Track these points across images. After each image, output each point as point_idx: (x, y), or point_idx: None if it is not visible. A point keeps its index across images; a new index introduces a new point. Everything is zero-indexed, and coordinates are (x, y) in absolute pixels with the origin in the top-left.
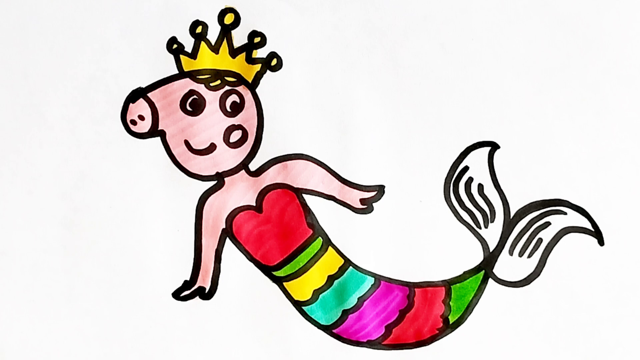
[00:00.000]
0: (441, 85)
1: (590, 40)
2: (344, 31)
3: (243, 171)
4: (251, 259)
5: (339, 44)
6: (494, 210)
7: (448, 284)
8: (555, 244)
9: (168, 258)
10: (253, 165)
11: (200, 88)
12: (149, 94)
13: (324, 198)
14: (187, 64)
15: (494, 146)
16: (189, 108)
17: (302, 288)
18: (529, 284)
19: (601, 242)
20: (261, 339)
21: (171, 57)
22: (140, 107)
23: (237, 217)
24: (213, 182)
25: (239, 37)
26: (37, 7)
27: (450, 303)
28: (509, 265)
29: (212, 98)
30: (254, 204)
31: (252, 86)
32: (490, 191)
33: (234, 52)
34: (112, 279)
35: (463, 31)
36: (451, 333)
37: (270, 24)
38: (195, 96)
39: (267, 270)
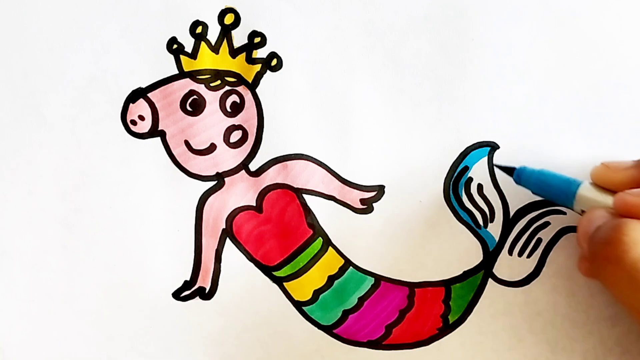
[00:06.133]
0: (441, 85)
1: (590, 40)
2: (344, 31)
3: (243, 171)
4: (251, 259)
5: (339, 44)
6: (494, 210)
7: (448, 284)
8: (555, 243)
9: (168, 258)
10: (253, 165)
11: (200, 88)
12: (149, 94)
13: (324, 198)
14: (187, 64)
15: (493, 146)
16: (189, 108)
17: (302, 288)
18: (528, 283)
19: None
20: (261, 338)
21: (171, 57)
22: (140, 107)
23: (237, 217)
24: (213, 182)
25: (239, 37)
26: (37, 7)
27: (450, 303)
28: (508, 265)
29: (212, 98)
30: (254, 204)
31: (252, 86)
32: (490, 191)
33: (234, 52)
34: (112, 279)
35: (463, 31)
36: (451, 333)
37: (270, 24)
38: (195, 96)
39: (267, 270)
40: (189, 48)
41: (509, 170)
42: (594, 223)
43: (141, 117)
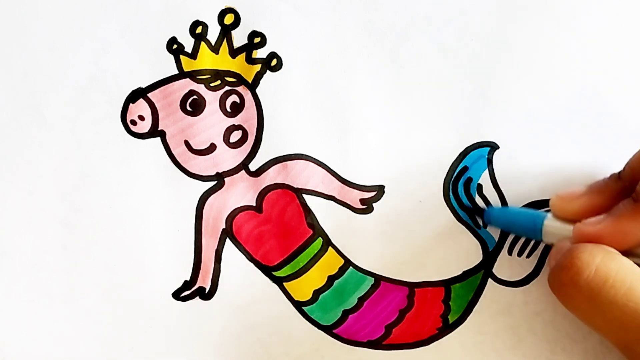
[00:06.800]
0: (441, 85)
1: (590, 40)
2: (344, 31)
3: (243, 171)
4: (251, 259)
5: (339, 44)
6: None
7: (448, 284)
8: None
9: (168, 258)
10: (253, 165)
11: (200, 88)
12: (149, 94)
13: (324, 198)
14: (187, 64)
15: (493, 146)
16: (189, 108)
17: (302, 288)
18: (528, 283)
19: None
20: (261, 339)
21: (171, 57)
22: (140, 107)
23: (237, 217)
24: (213, 182)
25: (239, 37)
26: (37, 7)
27: (450, 303)
28: (508, 265)
29: (212, 98)
30: (254, 204)
31: (252, 86)
32: (490, 191)
33: (234, 53)
34: (112, 279)
35: (463, 31)
36: (451, 333)
37: (270, 24)
38: (195, 96)
39: (267, 270)
40: (189, 48)
41: (478, 212)
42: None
43: (141, 117)
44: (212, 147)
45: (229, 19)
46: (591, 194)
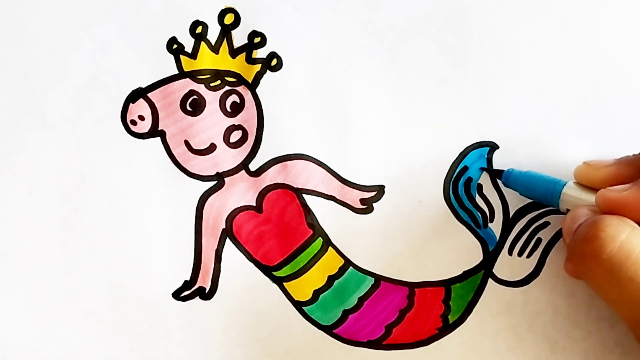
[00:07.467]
0: (441, 85)
1: (590, 40)
2: (344, 31)
3: (243, 171)
4: (251, 259)
5: (339, 44)
6: (494, 210)
7: (448, 284)
8: (555, 243)
9: (168, 258)
10: (253, 165)
11: (200, 88)
12: (149, 94)
13: (324, 198)
14: (187, 64)
15: (493, 146)
16: (189, 108)
17: (302, 288)
18: (528, 283)
19: None
20: (261, 339)
21: (171, 57)
22: (140, 107)
23: (237, 217)
24: (213, 182)
25: (239, 37)
26: (37, 7)
27: (450, 303)
28: (508, 265)
29: (212, 98)
30: (254, 204)
31: (252, 86)
32: (490, 191)
33: (234, 52)
34: (112, 279)
35: (463, 31)
36: (451, 333)
37: (270, 24)
38: (195, 96)
39: (267, 270)
40: (189, 48)
41: (497, 173)
42: (576, 221)
43: (141, 117)
44: (212, 147)
45: (229, 19)
46: (619, 165)
